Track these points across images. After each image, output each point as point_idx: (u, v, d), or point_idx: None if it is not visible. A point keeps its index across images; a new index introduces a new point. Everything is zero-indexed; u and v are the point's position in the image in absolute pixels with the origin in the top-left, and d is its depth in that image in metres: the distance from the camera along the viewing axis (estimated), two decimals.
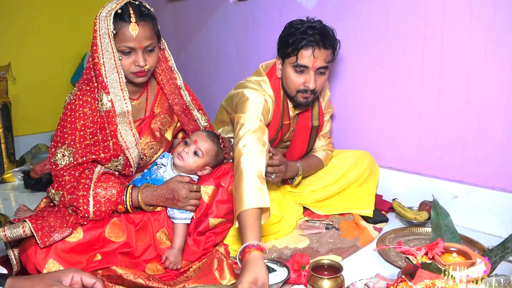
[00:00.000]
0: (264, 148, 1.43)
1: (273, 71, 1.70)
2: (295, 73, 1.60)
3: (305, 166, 1.81)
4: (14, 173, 2.62)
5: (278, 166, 1.60)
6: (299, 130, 1.79)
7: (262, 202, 1.28)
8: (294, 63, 1.59)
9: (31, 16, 2.98)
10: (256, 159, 1.38)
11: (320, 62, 1.58)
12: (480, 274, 0.97)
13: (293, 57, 1.58)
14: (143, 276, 1.26)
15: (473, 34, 1.58)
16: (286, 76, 1.63)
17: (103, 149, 1.35)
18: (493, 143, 1.61)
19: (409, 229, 1.68)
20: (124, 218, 1.36)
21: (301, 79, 1.60)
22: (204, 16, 2.67)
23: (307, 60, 1.57)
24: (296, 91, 1.63)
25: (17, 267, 1.32)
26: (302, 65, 1.57)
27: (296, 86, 1.62)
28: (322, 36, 1.57)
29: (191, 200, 1.37)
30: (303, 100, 1.65)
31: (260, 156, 1.40)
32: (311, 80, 1.59)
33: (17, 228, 1.23)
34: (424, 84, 1.75)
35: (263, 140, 1.46)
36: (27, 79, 2.99)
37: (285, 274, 1.33)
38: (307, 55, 1.56)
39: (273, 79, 1.69)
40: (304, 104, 1.67)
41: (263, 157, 1.41)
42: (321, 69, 1.60)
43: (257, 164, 1.37)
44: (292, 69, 1.61)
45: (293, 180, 1.80)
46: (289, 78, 1.62)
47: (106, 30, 1.29)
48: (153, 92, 1.54)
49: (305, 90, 1.61)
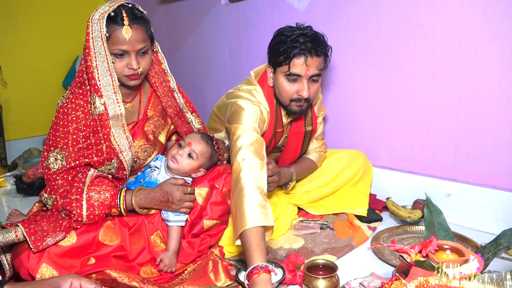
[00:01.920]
0: (263, 163, 1.40)
1: (264, 79, 1.66)
2: (288, 82, 1.57)
3: (299, 171, 1.80)
4: (6, 178, 2.59)
5: (271, 176, 1.57)
6: (292, 136, 1.77)
7: (266, 221, 1.25)
8: (286, 72, 1.55)
9: (22, 19, 2.96)
10: (257, 175, 1.34)
11: (313, 70, 1.55)
12: (473, 271, 0.98)
13: (285, 66, 1.55)
14: (138, 279, 1.25)
15: (464, 33, 1.60)
16: (279, 85, 1.60)
17: (96, 153, 1.35)
18: (485, 141, 1.62)
19: (403, 227, 1.69)
20: (117, 221, 1.35)
21: (294, 88, 1.57)
22: (197, 18, 2.67)
23: (299, 68, 1.53)
24: (290, 100, 1.60)
25: (9, 272, 1.30)
26: (295, 74, 1.54)
27: (289, 95, 1.59)
28: (314, 44, 1.54)
29: (185, 202, 1.37)
30: (297, 108, 1.62)
31: (261, 171, 1.36)
32: (304, 89, 1.55)
33: (10, 233, 1.21)
34: (416, 83, 1.76)
35: (262, 153, 1.42)
36: (18, 83, 2.97)
37: (280, 275, 1.33)
38: (300, 63, 1.53)
39: (266, 88, 1.65)
40: (299, 112, 1.64)
41: (264, 172, 1.37)
42: (314, 76, 1.57)
43: (259, 180, 1.33)
44: (284, 78, 1.57)
45: (287, 186, 1.79)
46: (282, 87, 1.59)
47: (99, 33, 1.28)
48: (146, 95, 1.54)
49: (299, 98, 1.58)
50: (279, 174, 1.64)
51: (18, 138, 3.01)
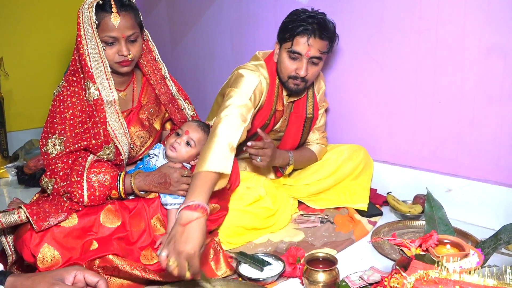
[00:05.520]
0: (243, 124, 1.46)
1: (271, 58, 1.74)
2: (289, 59, 1.64)
3: (297, 157, 1.81)
4: (8, 169, 2.60)
5: (262, 148, 1.60)
6: (293, 119, 1.82)
7: (224, 168, 1.29)
8: (289, 49, 1.62)
9: (24, 10, 2.95)
10: (232, 131, 1.41)
11: (314, 51, 1.61)
12: (473, 265, 0.98)
13: (289, 42, 1.62)
14: (139, 267, 1.26)
15: (467, 27, 1.59)
16: (281, 60, 1.67)
17: (94, 136, 1.37)
18: (487, 136, 1.62)
19: (403, 222, 1.69)
20: (118, 204, 1.37)
21: (293, 66, 1.64)
22: (199, 10, 2.66)
23: (301, 47, 1.60)
24: (288, 76, 1.67)
25: (12, 257, 1.32)
26: (296, 52, 1.61)
27: (288, 72, 1.66)
28: (320, 26, 1.60)
29: (182, 184, 1.38)
30: (294, 86, 1.69)
31: (237, 129, 1.43)
32: (302, 68, 1.62)
33: (12, 214, 1.23)
34: (419, 78, 1.76)
35: (245, 117, 1.49)
36: (20, 74, 2.96)
37: (280, 268, 1.34)
38: (302, 42, 1.60)
39: (270, 64, 1.73)
40: (295, 91, 1.71)
41: (239, 132, 1.43)
42: (314, 58, 1.63)
43: (232, 136, 1.40)
44: (286, 55, 1.64)
45: (284, 170, 1.80)
46: (283, 63, 1.66)
47: (88, 21, 1.33)
48: (140, 83, 1.58)
49: (296, 77, 1.65)
50: (273, 149, 1.66)
51: (20, 130, 3.01)
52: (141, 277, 1.25)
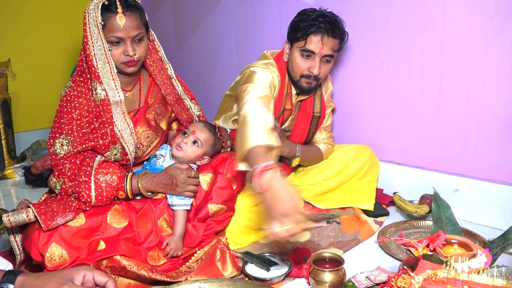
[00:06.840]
0: (270, 112, 1.42)
1: (280, 57, 1.75)
2: (302, 57, 1.65)
3: (304, 150, 1.82)
4: (15, 169, 2.62)
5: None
6: (300, 118, 1.83)
7: (271, 141, 1.25)
8: (302, 47, 1.63)
9: (31, 11, 2.97)
10: (264, 115, 1.37)
11: (327, 49, 1.63)
12: (481, 265, 0.98)
13: (302, 41, 1.63)
14: (147, 268, 1.27)
15: (473, 27, 1.58)
16: (293, 59, 1.68)
17: (101, 136, 1.38)
18: (493, 136, 1.61)
19: (410, 222, 1.68)
20: (125, 204, 1.38)
21: (306, 64, 1.65)
22: (204, 10, 2.66)
23: (315, 45, 1.62)
24: (300, 75, 1.68)
25: (20, 256, 1.33)
26: (310, 50, 1.62)
27: (301, 71, 1.67)
28: (332, 25, 1.62)
29: (189, 185, 1.39)
30: (306, 85, 1.70)
31: (267, 114, 1.39)
32: (316, 66, 1.64)
33: (21, 213, 1.24)
34: (425, 78, 1.75)
35: (269, 107, 1.46)
36: (27, 75, 2.98)
37: (286, 268, 1.34)
38: (316, 40, 1.61)
39: (280, 63, 1.73)
40: (307, 89, 1.72)
41: (270, 116, 1.39)
42: (327, 57, 1.65)
43: (265, 120, 1.36)
44: (299, 53, 1.65)
45: (290, 162, 1.81)
46: (295, 62, 1.67)
47: (94, 22, 1.34)
48: (146, 83, 1.58)
49: (309, 75, 1.66)
50: (280, 134, 1.66)
51: (27, 130, 3.02)
52: (148, 277, 1.26)
